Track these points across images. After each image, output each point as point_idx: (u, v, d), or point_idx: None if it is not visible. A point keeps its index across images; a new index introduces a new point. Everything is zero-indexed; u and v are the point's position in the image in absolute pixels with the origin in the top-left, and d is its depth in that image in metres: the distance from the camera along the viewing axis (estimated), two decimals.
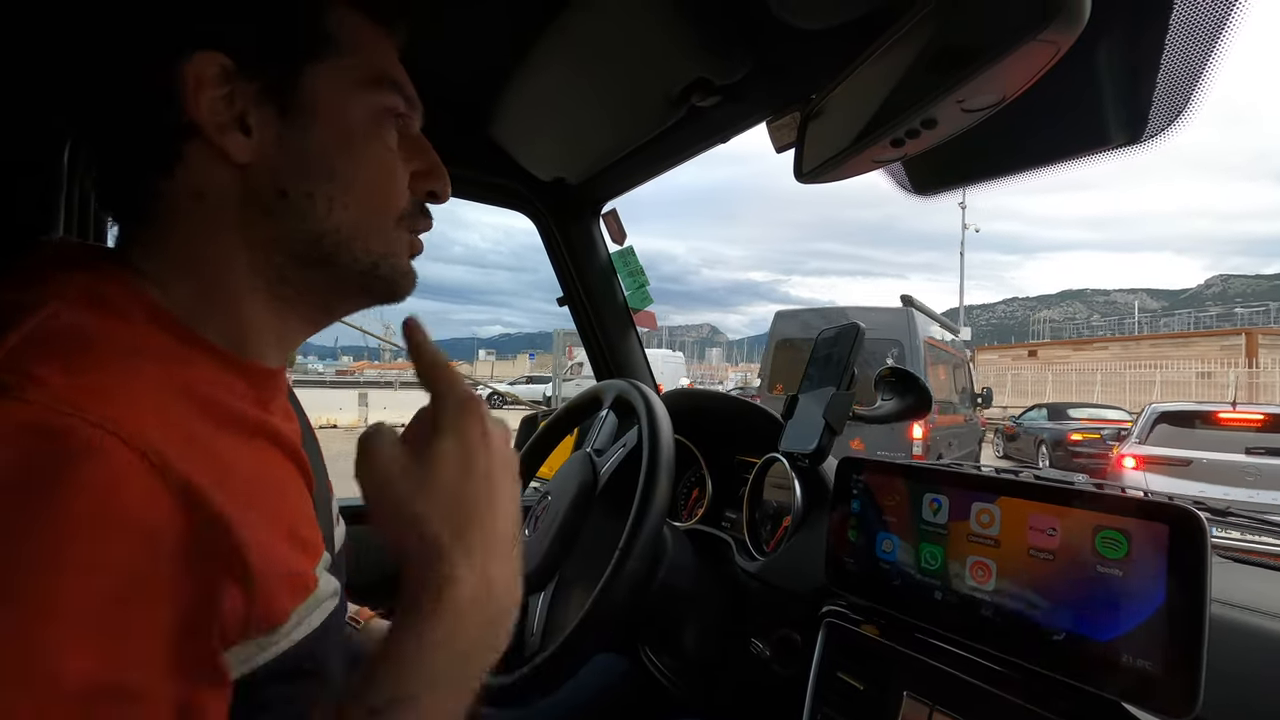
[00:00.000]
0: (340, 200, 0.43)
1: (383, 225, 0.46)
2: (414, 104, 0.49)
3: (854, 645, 0.66)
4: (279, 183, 0.42)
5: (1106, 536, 0.49)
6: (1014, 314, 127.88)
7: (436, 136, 1.08)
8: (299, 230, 0.43)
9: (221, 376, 0.41)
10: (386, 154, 0.46)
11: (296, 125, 0.42)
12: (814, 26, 0.63)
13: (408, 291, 0.49)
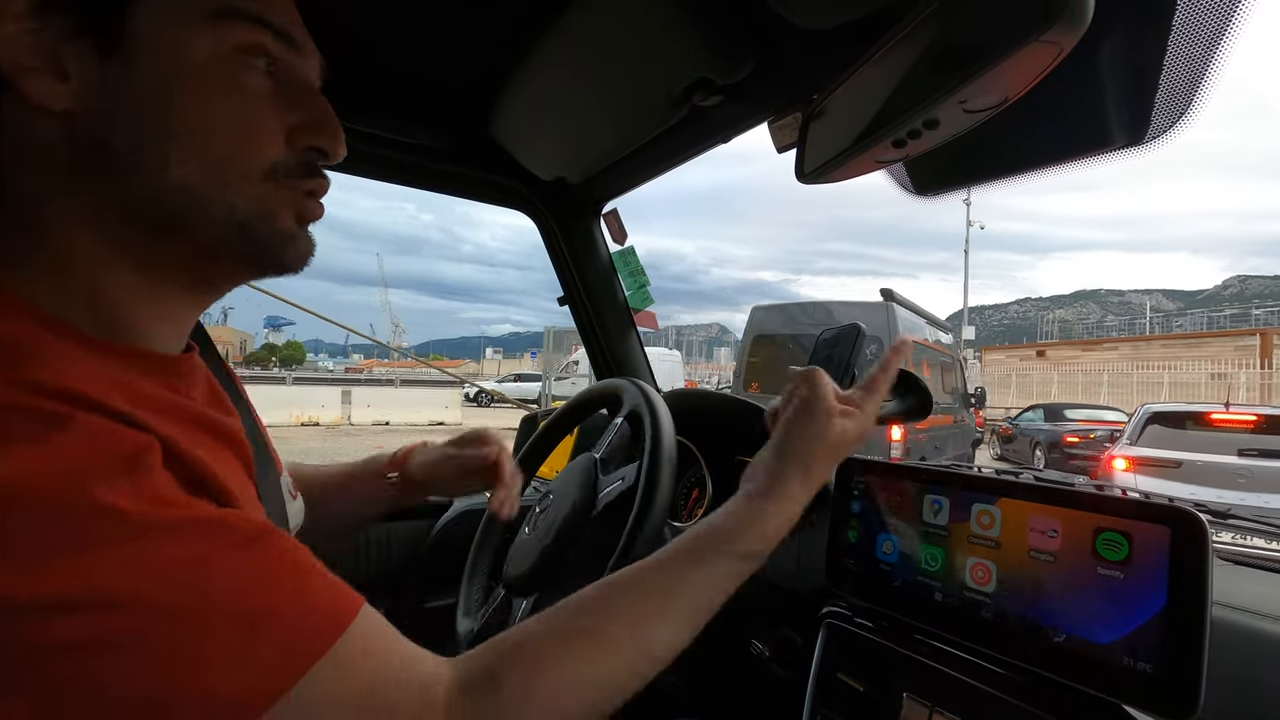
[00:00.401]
0: (177, 155, 0.37)
1: (243, 181, 0.39)
2: (294, 44, 0.42)
3: (854, 646, 0.66)
4: (102, 134, 0.36)
5: (1107, 538, 0.49)
6: (1026, 314, 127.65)
7: (437, 133, 1.09)
8: (135, 191, 0.37)
9: (121, 374, 0.37)
10: (241, 99, 0.39)
11: (121, 66, 0.36)
12: (816, 27, 0.63)
13: (298, 259, 0.43)
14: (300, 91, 0.43)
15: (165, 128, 0.37)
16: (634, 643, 0.44)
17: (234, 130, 0.39)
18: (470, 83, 0.91)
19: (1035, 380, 21.61)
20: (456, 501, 1.21)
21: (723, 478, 1.10)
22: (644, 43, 0.75)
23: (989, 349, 30.49)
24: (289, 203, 0.42)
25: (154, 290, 0.40)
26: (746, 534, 0.50)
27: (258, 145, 0.40)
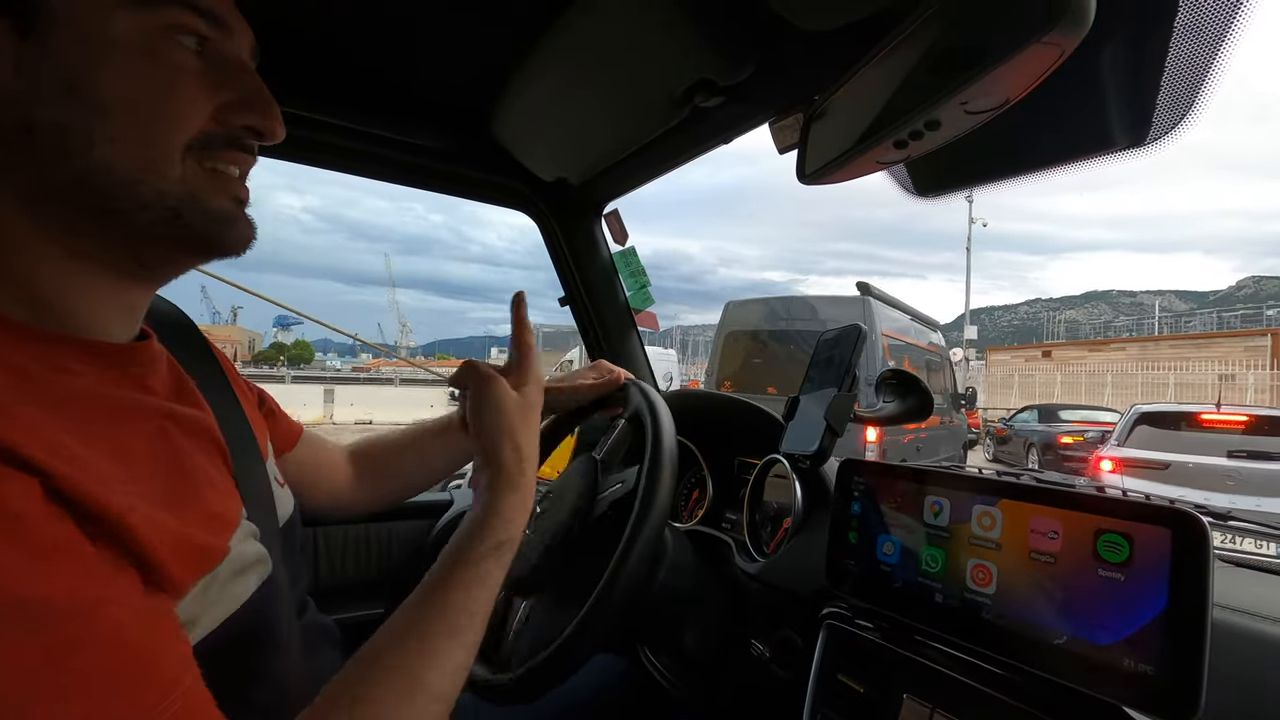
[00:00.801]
0: (101, 131, 0.36)
1: (164, 159, 0.39)
2: (222, 24, 0.41)
3: (854, 647, 0.66)
4: (24, 115, 0.35)
5: (1108, 540, 0.49)
6: (1036, 315, 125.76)
7: (438, 133, 1.09)
8: (61, 172, 0.36)
9: (61, 361, 0.37)
10: (165, 75, 0.38)
11: (38, 45, 0.35)
12: (817, 28, 0.63)
13: (239, 242, 0.43)
14: (231, 70, 0.42)
15: (89, 105, 0.36)
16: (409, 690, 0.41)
17: (154, 104, 0.38)
18: (471, 84, 0.91)
19: (1038, 381, 21.54)
20: (456, 501, 1.21)
21: (723, 478, 1.10)
22: (645, 44, 0.75)
23: (994, 349, 30.27)
24: (220, 185, 0.41)
25: (91, 276, 0.39)
26: (489, 526, 0.51)
27: (179, 120, 0.39)
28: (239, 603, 0.42)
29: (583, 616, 0.63)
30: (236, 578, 0.42)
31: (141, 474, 0.37)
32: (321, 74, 0.87)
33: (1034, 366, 23.19)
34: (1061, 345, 29.01)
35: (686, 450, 1.13)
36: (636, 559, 0.63)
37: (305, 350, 42.78)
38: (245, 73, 0.43)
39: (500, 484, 0.53)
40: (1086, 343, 27.45)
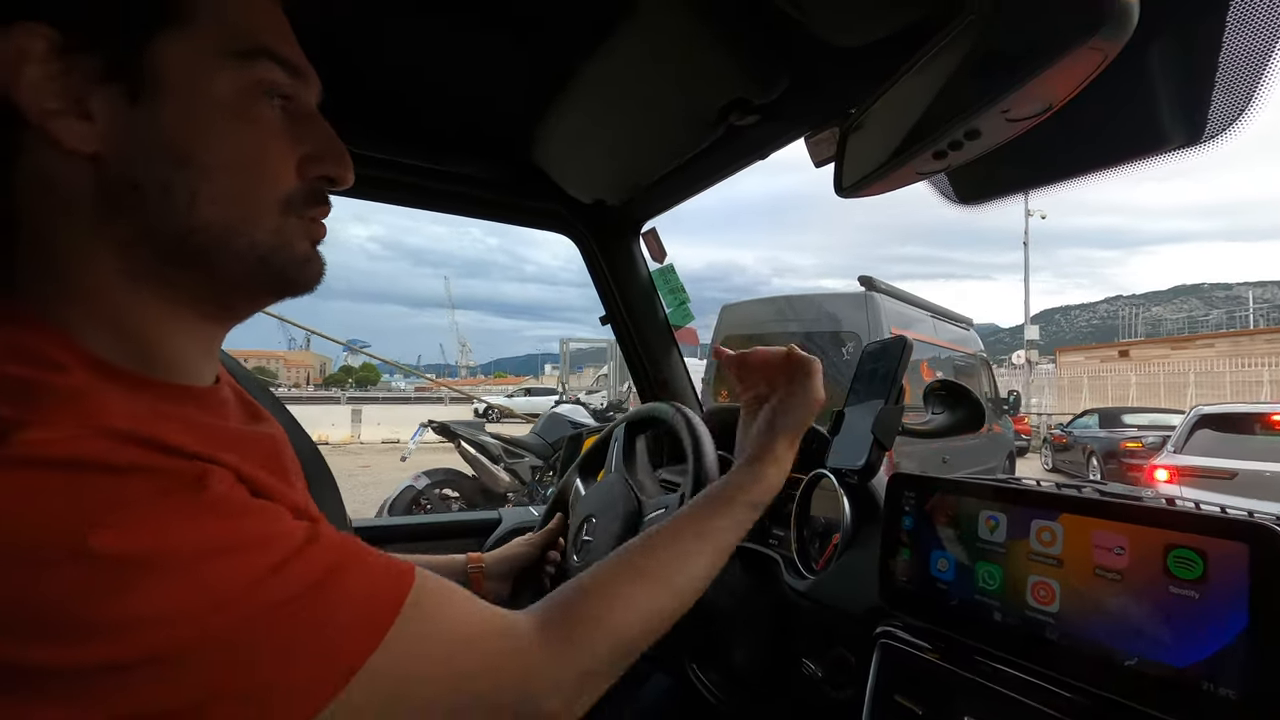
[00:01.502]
0: (205, 192, 0.38)
1: (263, 215, 0.41)
2: (303, 76, 0.43)
3: (911, 667, 0.64)
4: (130, 175, 0.37)
5: (1179, 555, 0.47)
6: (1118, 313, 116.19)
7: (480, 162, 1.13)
8: (162, 227, 0.38)
9: (165, 409, 0.38)
10: (259, 134, 0.40)
11: (146, 106, 0.37)
12: (851, 44, 0.64)
13: (312, 282, 0.45)
14: (308, 122, 0.44)
15: (192, 166, 0.38)
16: (679, 577, 0.54)
17: (253, 166, 0.40)
18: (511, 115, 0.95)
19: (1111, 382, 20.22)
20: (505, 520, 1.23)
21: None
22: (680, 68, 0.76)
23: (1064, 350, 28.31)
24: (303, 231, 0.44)
25: (179, 320, 0.42)
26: (752, 489, 0.62)
27: (274, 179, 0.41)
28: None
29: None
30: None
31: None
32: (373, 114, 0.91)
33: (1110, 367, 21.71)
34: (1140, 343, 26.78)
35: (728, 465, 1.12)
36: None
37: (372, 372, 44.55)
38: (319, 124, 0.45)
39: (771, 460, 0.64)
40: (1169, 340, 25.27)
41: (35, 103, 0.35)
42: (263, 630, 0.31)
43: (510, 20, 0.74)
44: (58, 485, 0.29)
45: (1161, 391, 17.74)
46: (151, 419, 0.34)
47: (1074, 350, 28.59)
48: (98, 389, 0.34)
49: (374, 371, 44.36)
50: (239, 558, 0.32)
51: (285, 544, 0.34)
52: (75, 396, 0.33)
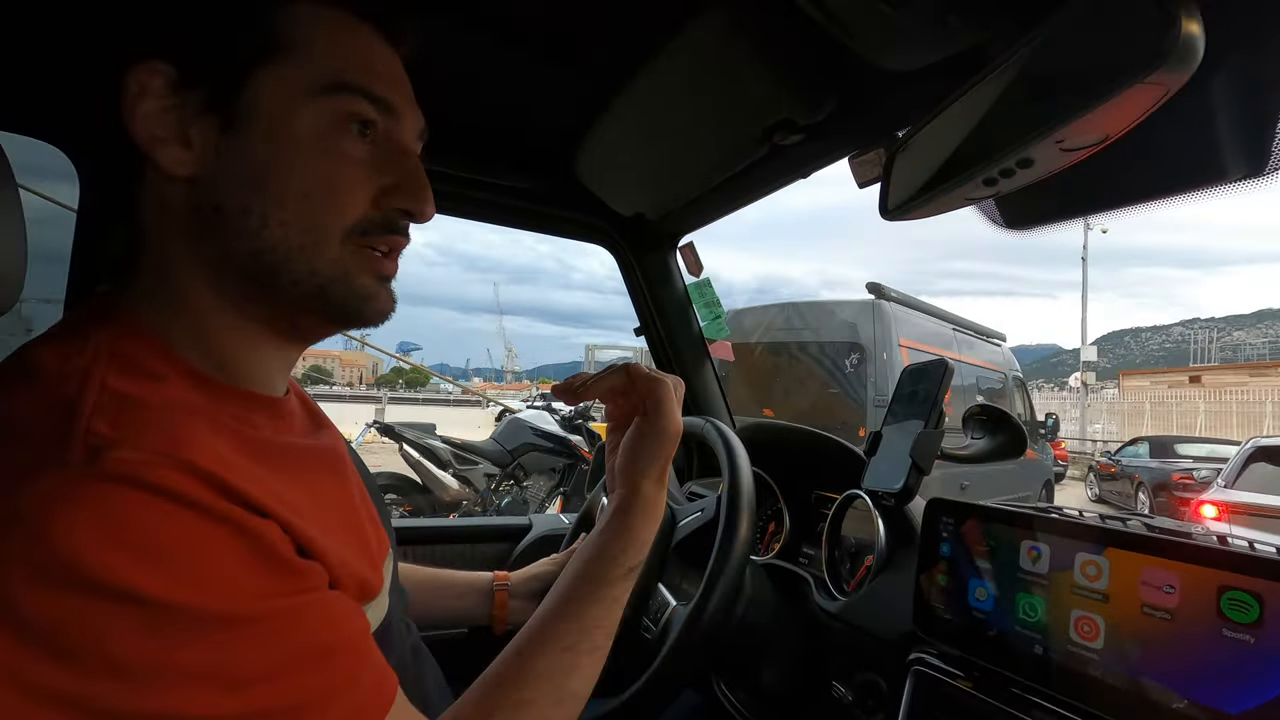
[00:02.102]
0: (275, 216, 0.41)
1: (323, 243, 0.42)
2: (394, 111, 0.45)
3: (945, 697, 0.63)
4: (215, 198, 0.40)
5: (1234, 598, 0.46)
6: (1194, 336, 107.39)
7: (525, 175, 1.15)
8: (239, 248, 0.41)
9: (242, 414, 0.41)
10: (336, 166, 0.42)
11: (235, 135, 0.40)
12: (902, 68, 0.64)
13: (376, 315, 0.46)
14: (393, 154, 0.45)
15: (267, 191, 0.41)
16: (559, 696, 0.47)
17: (324, 194, 0.42)
18: (556, 128, 0.97)
19: (1175, 410, 18.85)
20: (536, 526, 1.25)
21: (800, 512, 1.09)
22: (726, 87, 0.77)
23: (1129, 373, 26.70)
24: (367, 263, 0.45)
25: (257, 337, 0.44)
26: (626, 552, 0.55)
27: (341, 209, 0.43)
28: (374, 626, 0.45)
29: (664, 657, 0.64)
30: (374, 604, 0.46)
31: (327, 516, 0.42)
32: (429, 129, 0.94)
33: (1179, 393, 20.32)
34: (1215, 369, 25.11)
35: (762, 482, 1.12)
36: (716, 603, 0.64)
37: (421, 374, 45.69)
38: (406, 157, 0.46)
39: (639, 510, 0.56)
40: (1248, 365, 23.26)
41: (147, 131, 0.39)
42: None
43: (558, 39, 0.75)
44: (132, 508, 0.31)
45: (1234, 421, 16.56)
46: (229, 460, 0.35)
47: (1138, 374, 26.70)
48: (190, 404, 0.37)
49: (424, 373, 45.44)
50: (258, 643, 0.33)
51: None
52: (169, 417, 0.35)
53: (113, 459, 0.31)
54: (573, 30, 0.73)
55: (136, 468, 0.31)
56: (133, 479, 0.31)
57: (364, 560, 0.44)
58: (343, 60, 0.42)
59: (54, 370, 0.35)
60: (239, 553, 0.33)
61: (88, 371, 0.35)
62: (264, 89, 0.40)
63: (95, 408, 0.33)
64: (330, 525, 0.41)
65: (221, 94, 0.40)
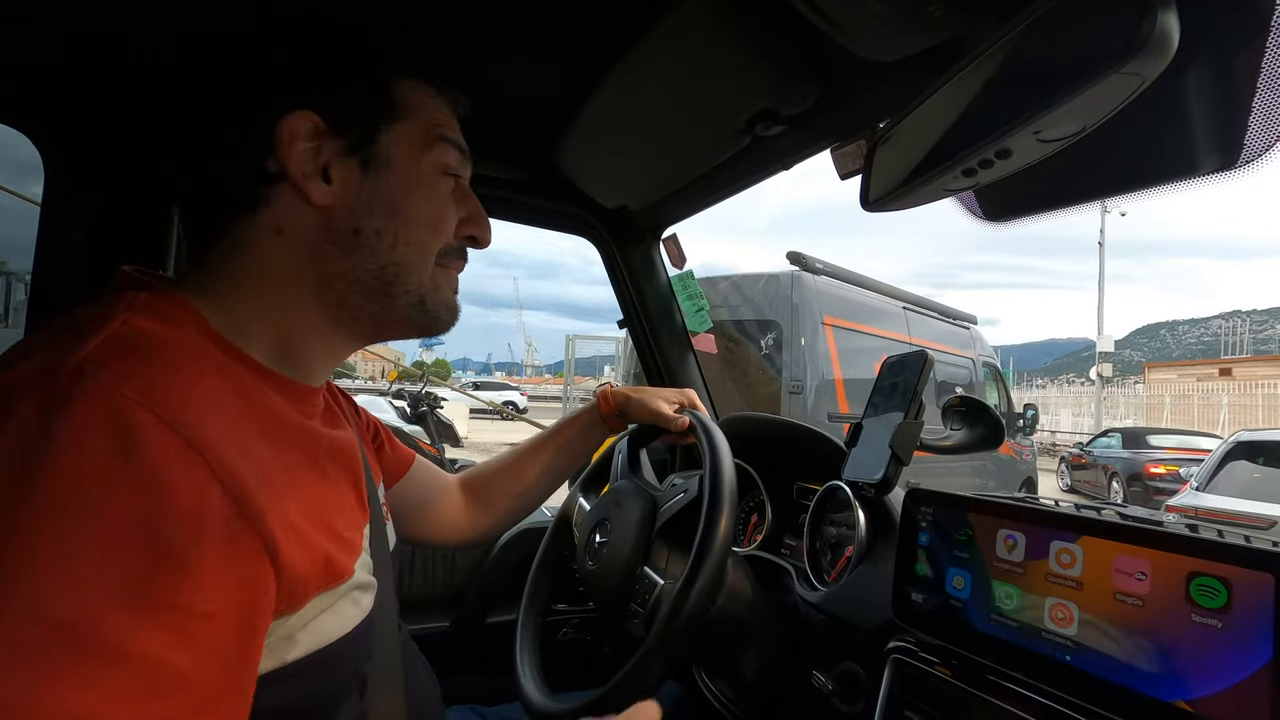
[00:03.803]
0: (402, 237, 0.50)
1: (427, 261, 0.52)
2: (466, 159, 0.56)
3: (923, 684, 0.64)
4: (354, 222, 0.49)
5: (1203, 584, 0.46)
6: (1235, 329, 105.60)
7: (507, 166, 1.14)
8: (367, 263, 0.49)
9: (260, 384, 0.46)
10: (442, 200, 0.53)
11: (374, 175, 0.50)
12: (882, 58, 0.64)
13: (448, 326, 0.56)
14: (466, 195, 0.57)
15: (399, 218, 0.50)
16: None
17: (435, 222, 0.53)
18: (539, 120, 0.95)
19: (1198, 404, 18.61)
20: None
21: (782, 503, 1.09)
22: (708, 77, 0.77)
23: (1155, 366, 26.14)
24: (448, 281, 0.55)
25: (334, 339, 0.53)
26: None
27: (442, 234, 0.54)
28: (349, 625, 0.46)
29: (656, 631, 0.64)
30: (348, 603, 0.46)
31: (305, 492, 0.44)
32: None
33: (1208, 386, 19.81)
34: (1247, 361, 24.41)
35: (744, 474, 1.12)
36: (697, 597, 0.64)
37: (444, 368, 45.72)
38: (473, 197, 0.57)
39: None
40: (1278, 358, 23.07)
41: (299, 168, 0.47)
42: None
43: (539, 28, 0.74)
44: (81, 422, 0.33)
45: (1260, 414, 16.39)
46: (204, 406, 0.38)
47: (1165, 367, 25.95)
48: (197, 349, 0.42)
49: (446, 367, 45.74)
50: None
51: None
52: (164, 355, 0.39)
53: (90, 379, 0.34)
54: (553, 20, 0.72)
55: (105, 391, 0.34)
56: (97, 397, 0.34)
57: (338, 544, 0.46)
58: (440, 121, 0.54)
59: (85, 315, 0.40)
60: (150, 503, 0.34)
61: (113, 315, 0.40)
62: (394, 141, 0.50)
63: (105, 339, 0.37)
64: (302, 500, 0.43)
65: (359, 143, 0.49)
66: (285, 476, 0.42)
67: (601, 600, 0.79)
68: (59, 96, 0.81)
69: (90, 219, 0.85)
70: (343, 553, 0.46)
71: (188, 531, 0.34)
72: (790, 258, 4.01)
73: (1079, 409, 22.35)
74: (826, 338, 3.87)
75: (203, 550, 0.34)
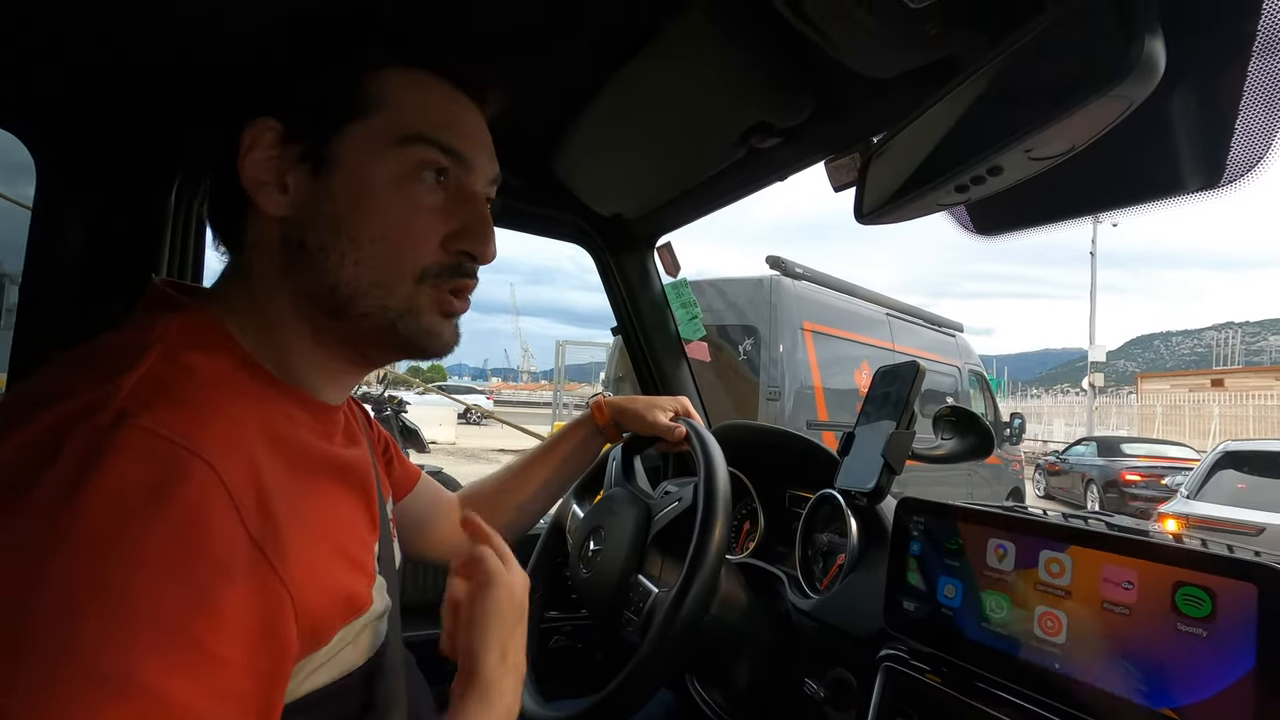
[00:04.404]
0: (350, 255, 0.44)
1: (397, 282, 0.46)
2: (465, 161, 0.48)
3: (914, 692, 0.65)
4: (300, 236, 0.45)
5: (1188, 593, 0.47)
6: (1227, 341, 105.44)
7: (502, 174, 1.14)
8: (316, 281, 0.45)
9: (290, 410, 0.45)
10: (409, 211, 0.46)
11: (323, 181, 0.45)
12: (878, 75, 0.65)
13: (441, 349, 0.49)
14: (462, 200, 0.49)
15: (345, 234, 0.45)
16: None
17: (396, 238, 0.46)
18: (536, 128, 0.96)
19: (1189, 414, 18.70)
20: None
21: (775, 511, 1.10)
22: (705, 89, 0.77)
23: (1148, 376, 26.05)
24: (435, 302, 0.48)
25: (326, 358, 0.49)
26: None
27: (413, 253, 0.46)
28: (369, 653, 0.46)
29: (651, 639, 0.64)
30: (368, 634, 0.46)
31: (327, 524, 0.43)
32: None
33: (1194, 397, 19.98)
34: (1239, 372, 24.24)
35: (737, 482, 1.13)
36: (691, 605, 0.64)
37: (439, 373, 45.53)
38: (473, 203, 0.49)
39: (475, 698, 0.47)
40: (1274, 369, 22.61)
41: (253, 177, 0.44)
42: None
43: (536, 37, 0.75)
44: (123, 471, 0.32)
45: (1250, 425, 16.62)
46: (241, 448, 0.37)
47: (1158, 377, 26.00)
48: (234, 382, 0.42)
49: (441, 372, 45.39)
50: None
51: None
52: (202, 392, 0.38)
53: (132, 420, 0.33)
54: (551, 29, 0.73)
55: (145, 433, 0.33)
56: (138, 440, 0.33)
57: (356, 575, 0.45)
58: (421, 116, 0.47)
59: (120, 344, 0.39)
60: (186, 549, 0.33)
61: (150, 345, 0.38)
62: (351, 140, 0.45)
63: (142, 376, 0.36)
64: (324, 534, 0.42)
65: (317, 146, 0.45)
66: (309, 512, 0.41)
67: (595, 608, 0.79)
68: (50, 98, 0.81)
69: (84, 222, 0.84)
70: (361, 582, 0.45)
71: (219, 575, 0.33)
72: (770, 262, 3.89)
73: (1071, 419, 22.49)
74: (806, 344, 3.79)
75: (232, 596, 0.34)
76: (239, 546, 0.35)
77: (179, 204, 0.91)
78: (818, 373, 3.86)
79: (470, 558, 0.52)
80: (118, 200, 0.86)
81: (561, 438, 0.90)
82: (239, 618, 0.34)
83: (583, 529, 0.86)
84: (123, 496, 0.31)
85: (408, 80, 0.47)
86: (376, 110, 0.45)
